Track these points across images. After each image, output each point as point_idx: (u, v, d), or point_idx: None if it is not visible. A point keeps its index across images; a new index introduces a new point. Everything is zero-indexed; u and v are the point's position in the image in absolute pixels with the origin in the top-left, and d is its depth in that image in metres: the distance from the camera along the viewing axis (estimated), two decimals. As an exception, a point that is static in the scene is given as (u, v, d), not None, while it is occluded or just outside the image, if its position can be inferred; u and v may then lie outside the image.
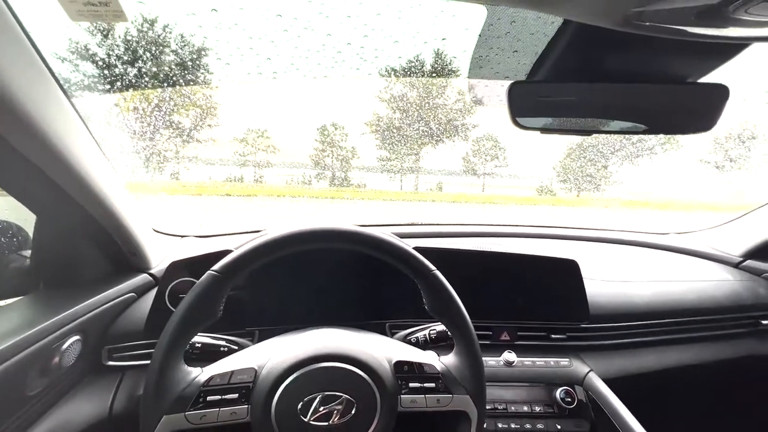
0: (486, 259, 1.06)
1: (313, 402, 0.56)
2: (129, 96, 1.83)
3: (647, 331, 1.10)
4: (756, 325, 1.21)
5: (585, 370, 0.98)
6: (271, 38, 0.79)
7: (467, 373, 0.63)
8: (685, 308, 1.15)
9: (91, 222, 0.80)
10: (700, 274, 1.32)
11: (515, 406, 0.93)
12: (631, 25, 0.50)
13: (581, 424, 0.92)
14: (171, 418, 0.54)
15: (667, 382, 1.12)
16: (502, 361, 0.97)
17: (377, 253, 0.63)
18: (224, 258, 0.60)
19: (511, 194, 5.38)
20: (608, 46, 0.63)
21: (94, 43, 1.91)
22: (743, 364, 1.18)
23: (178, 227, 1.29)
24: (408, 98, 4.61)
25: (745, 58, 0.64)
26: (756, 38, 0.54)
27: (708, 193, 4.64)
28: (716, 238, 1.51)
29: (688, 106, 0.69)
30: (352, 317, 0.97)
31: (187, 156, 3.67)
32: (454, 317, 0.64)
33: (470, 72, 0.79)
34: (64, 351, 0.73)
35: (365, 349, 0.62)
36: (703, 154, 4.48)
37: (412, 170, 5.01)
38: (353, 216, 2.94)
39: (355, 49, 0.83)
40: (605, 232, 1.59)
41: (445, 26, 0.76)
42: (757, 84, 0.98)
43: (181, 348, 0.58)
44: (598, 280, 1.15)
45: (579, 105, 0.71)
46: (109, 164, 0.81)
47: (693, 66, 0.67)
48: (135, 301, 0.93)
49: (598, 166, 4.49)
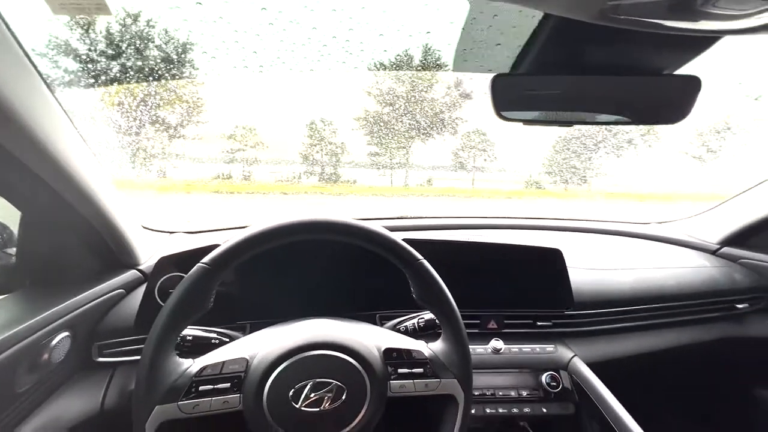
0: (473, 249, 1.08)
1: (304, 389, 0.57)
2: (114, 91, 1.80)
3: (629, 317, 1.14)
4: (731, 309, 1.27)
5: (569, 355, 1.02)
6: (256, 31, 0.79)
7: (454, 357, 0.65)
8: (664, 294, 1.19)
9: (78, 218, 0.80)
10: (679, 261, 1.37)
11: (503, 392, 0.96)
12: (608, 19, 0.52)
13: (566, 406, 0.96)
14: (164, 408, 0.55)
15: (648, 365, 1.16)
16: (489, 349, 1.00)
17: (365, 243, 0.64)
18: (214, 250, 0.60)
19: (499, 188, 5.43)
20: (587, 40, 0.65)
21: (78, 37, 1.87)
22: (720, 347, 1.23)
23: (167, 223, 1.28)
24: (396, 92, 4.60)
25: (720, 51, 0.67)
26: (726, 31, 0.56)
27: (688, 183, 4.77)
28: (694, 227, 1.56)
29: (664, 97, 0.72)
30: (343, 309, 0.99)
31: (175, 153, 3.62)
32: (441, 304, 0.66)
33: (455, 65, 0.81)
34: (53, 347, 0.73)
35: (355, 337, 0.63)
36: (684, 146, 4.59)
37: (402, 165, 5.02)
38: (344, 211, 2.94)
39: (341, 43, 0.84)
40: (589, 222, 1.63)
41: (430, 20, 0.77)
42: (730, 76, 1.01)
43: (172, 340, 0.58)
44: (581, 269, 1.19)
45: (560, 97, 0.73)
46: (95, 160, 0.80)
47: (668, 58, 0.69)
48: (124, 297, 0.93)
49: (582, 159, 4.57)
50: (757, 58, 1.09)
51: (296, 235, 0.62)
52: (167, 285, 0.90)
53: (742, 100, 1.38)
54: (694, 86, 0.68)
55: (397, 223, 1.47)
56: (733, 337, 1.23)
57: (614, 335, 1.13)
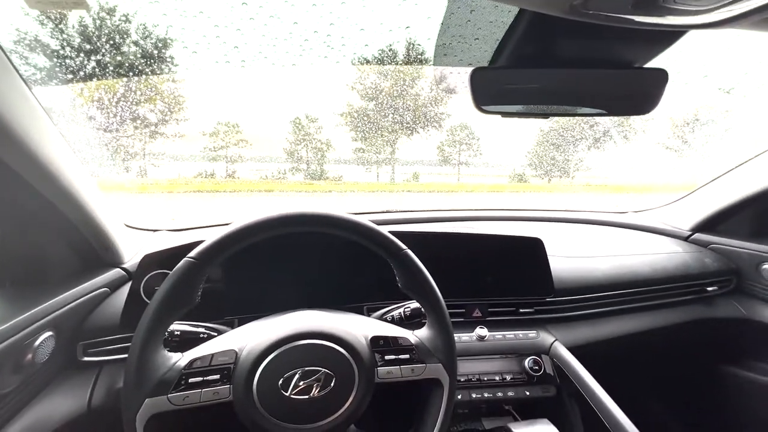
0: (456, 240, 1.11)
1: (293, 377, 0.59)
2: (94, 87, 1.75)
3: (606, 302, 1.19)
4: (702, 293, 1.33)
5: (551, 340, 1.05)
6: (237, 26, 0.79)
7: (439, 343, 0.67)
8: (640, 279, 1.25)
9: (59, 216, 0.78)
10: (654, 247, 1.43)
11: (488, 377, 0.99)
12: (578, 13, 0.54)
13: (548, 389, 0.99)
14: (154, 400, 0.55)
15: (625, 348, 1.21)
16: (474, 337, 1.03)
17: (351, 235, 0.66)
18: (200, 245, 0.61)
19: (484, 182, 5.51)
20: (561, 34, 0.68)
21: (54, 33, 1.81)
22: (692, 328, 1.29)
23: (151, 222, 1.26)
24: (380, 87, 4.61)
25: (687, 44, 0.71)
26: (689, 25, 0.59)
27: (665, 174, 4.93)
28: (668, 215, 1.63)
29: (634, 89, 0.75)
30: (330, 301, 1.00)
31: (156, 151, 3.54)
32: (426, 293, 0.68)
33: (435, 60, 0.82)
34: (37, 347, 0.72)
35: (343, 326, 0.65)
36: (661, 139, 4.73)
37: (388, 161, 5.03)
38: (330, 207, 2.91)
39: (322, 37, 0.84)
40: (568, 213, 1.68)
41: (409, 15, 0.79)
42: (695, 69, 1.06)
43: (159, 334, 0.58)
44: (561, 257, 1.23)
45: (537, 89, 0.76)
46: (76, 158, 0.79)
47: (637, 52, 0.72)
48: (108, 296, 0.92)
49: (561, 151, 4.68)
50: (728, 52, 1.15)
51: (283, 228, 0.63)
52: (152, 283, 0.89)
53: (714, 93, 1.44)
54: (661, 78, 0.72)
55: (382, 217, 1.49)
56: (703, 319, 1.30)
57: (593, 320, 1.17)
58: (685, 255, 1.39)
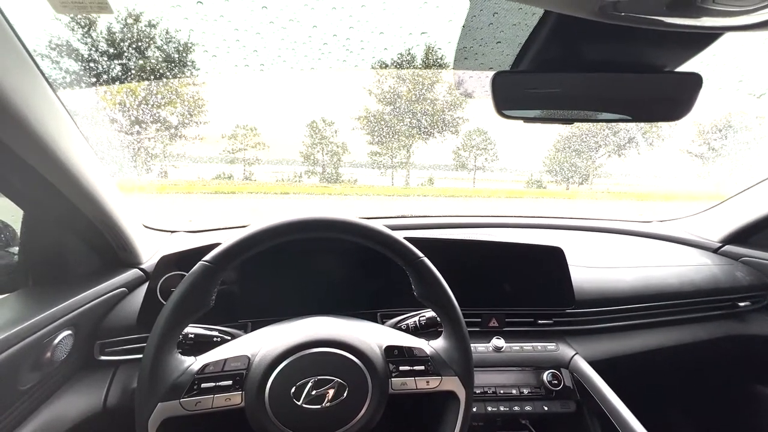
0: (474, 248, 1.08)
1: (305, 386, 0.57)
2: (116, 91, 1.80)
3: (630, 315, 1.14)
4: (733, 308, 1.26)
5: (571, 353, 1.01)
6: (257, 30, 0.79)
7: (455, 355, 0.65)
8: (666, 292, 1.19)
9: (80, 217, 0.80)
10: (681, 259, 1.37)
11: (504, 390, 0.96)
12: (607, 15, 0.52)
13: (567, 404, 0.95)
14: (166, 405, 0.55)
15: (650, 364, 1.16)
16: (491, 347, 1.00)
17: (367, 241, 0.64)
18: (216, 248, 0.61)
19: (501, 188, 5.43)
20: (587, 37, 0.65)
21: (80, 37, 1.87)
22: (722, 345, 1.22)
23: (169, 223, 1.28)
24: (397, 91, 4.60)
25: (721, 48, 0.67)
26: (726, 27, 0.56)
27: (690, 182, 4.76)
28: (696, 225, 1.56)
29: (665, 94, 0.72)
30: (344, 307, 0.99)
31: (176, 153, 3.62)
32: (442, 302, 0.66)
33: (455, 63, 0.81)
34: (55, 346, 0.73)
35: (356, 335, 0.63)
36: (686, 145, 4.58)
37: (403, 165, 5.01)
38: (345, 211, 2.92)
39: (342, 41, 0.84)
40: (590, 221, 1.63)
41: (429, 18, 0.78)
42: (730, 74, 1.01)
43: (174, 337, 0.58)
44: (583, 267, 1.19)
45: (560, 94, 0.73)
46: (97, 160, 0.80)
47: (669, 55, 0.69)
48: (126, 296, 0.93)
49: (583, 157, 4.57)
50: (759, 56, 1.09)
51: (298, 233, 0.63)
52: (169, 284, 0.90)
53: (744, 98, 1.37)
54: (695, 83, 0.68)
55: (398, 222, 1.47)
56: (734, 335, 1.23)
57: (616, 333, 1.12)
58: (714, 267, 1.32)
